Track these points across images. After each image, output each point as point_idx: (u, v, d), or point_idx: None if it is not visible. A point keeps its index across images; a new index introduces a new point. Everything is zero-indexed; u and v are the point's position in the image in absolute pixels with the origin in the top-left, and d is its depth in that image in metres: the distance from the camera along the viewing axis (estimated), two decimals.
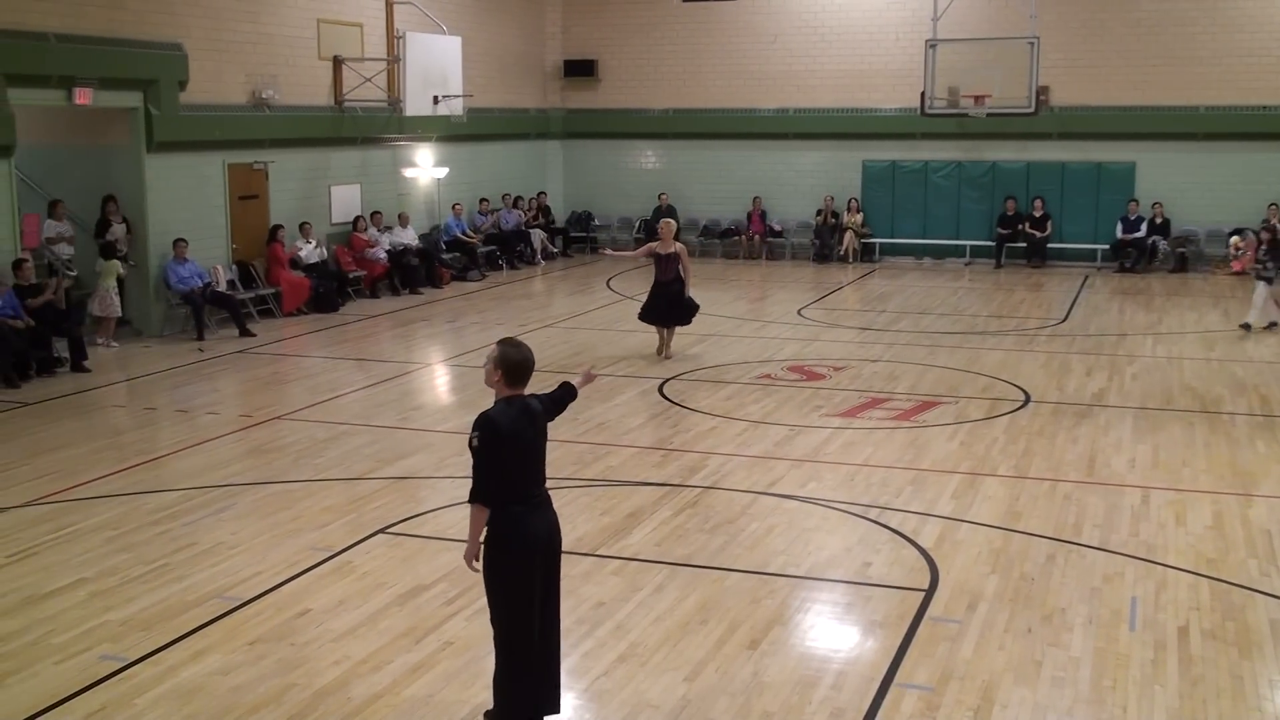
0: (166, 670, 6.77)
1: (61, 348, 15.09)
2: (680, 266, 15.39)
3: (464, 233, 23.71)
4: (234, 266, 18.69)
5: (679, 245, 15.61)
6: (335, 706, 6.36)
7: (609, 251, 19.53)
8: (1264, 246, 17.09)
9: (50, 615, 7.56)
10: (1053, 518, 9.36)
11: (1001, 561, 8.43)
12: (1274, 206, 23.23)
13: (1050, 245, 24.79)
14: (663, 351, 15.52)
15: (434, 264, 22.32)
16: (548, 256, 25.89)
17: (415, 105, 21.13)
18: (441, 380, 15.22)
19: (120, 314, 16.77)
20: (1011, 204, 24.77)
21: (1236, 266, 18.22)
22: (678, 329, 15.79)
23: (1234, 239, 18.22)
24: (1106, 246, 24.39)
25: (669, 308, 15.56)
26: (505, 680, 5.96)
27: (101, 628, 7.35)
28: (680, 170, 27.30)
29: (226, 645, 7.09)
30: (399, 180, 22.86)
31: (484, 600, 7.78)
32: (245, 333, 17.35)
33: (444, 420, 12.80)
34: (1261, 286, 17.18)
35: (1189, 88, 23.84)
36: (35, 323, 14.57)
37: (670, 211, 26.61)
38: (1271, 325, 17.25)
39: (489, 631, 7.22)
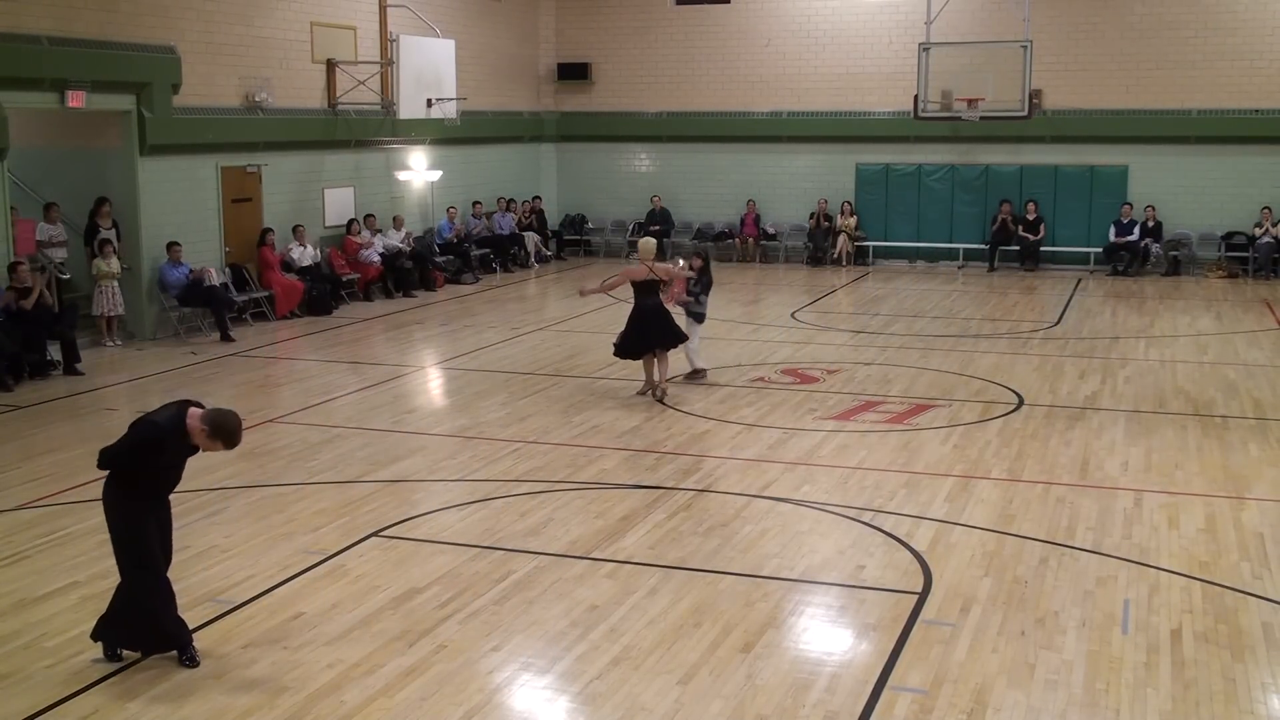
0: (159, 674, 6.76)
1: (55, 351, 15.07)
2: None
3: (453, 236, 23.62)
4: (227, 270, 18.67)
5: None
6: (329, 710, 6.35)
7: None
8: (694, 276, 13.86)
9: (43, 619, 7.55)
10: (1046, 521, 9.37)
11: (995, 564, 8.44)
12: (1267, 210, 23.34)
13: (1043, 249, 24.83)
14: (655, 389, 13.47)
15: (428, 267, 22.31)
16: (541, 260, 25.89)
17: (409, 108, 21.12)
18: (435, 383, 15.21)
19: (122, 311, 16.79)
20: (1007, 207, 24.74)
21: (668, 301, 13.57)
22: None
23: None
24: (1099, 250, 24.43)
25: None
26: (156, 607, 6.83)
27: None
28: (674, 173, 27.30)
29: (220, 649, 7.08)
30: (393, 183, 22.86)
31: (478, 603, 7.82)
32: (226, 337, 17.25)
33: (438, 423, 12.80)
34: (695, 329, 13.99)
35: (1181, 91, 23.90)
36: (16, 324, 14.54)
37: (664, 215, 26.64)
38: (697, 373, 14.17)
39: (484, 635, 7.26)
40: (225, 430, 6.65)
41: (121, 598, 6.87)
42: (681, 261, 14.57)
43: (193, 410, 6.71)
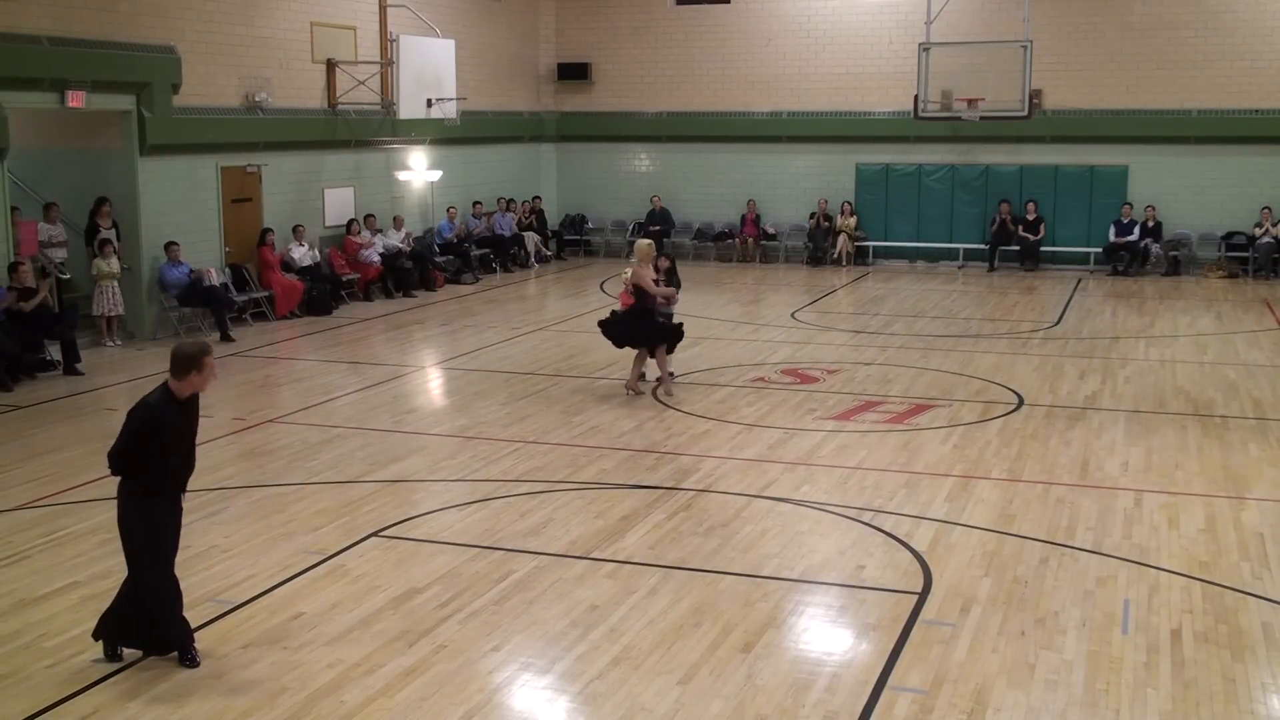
0: (159, 674, 6.76)
1: (54, 351, 15.07)
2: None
3: (453, 236, 23.62)
4: (227, 270, 18.67)
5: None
6: (329, 710, 6.35)
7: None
8: (660, 278, 13.71)
9: (43, 619, 7.55)
10: (1046, 521, 9.37)
11: (995, 564, 8.44)
12: (1267, 210, 23.34)
13: (1043, 249, 24.82)
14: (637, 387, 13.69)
15: (427, 267, 22.31)
16: (541, 260, 25.89)
17: (409, 108, 21.12)
18: (435, 383, 15.21)
19: (121, 312, 16.80)
20: (1006, 207, 24.74)
21: (627, 301, 13.57)
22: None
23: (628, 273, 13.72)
24: (1099, 250, 24.43)
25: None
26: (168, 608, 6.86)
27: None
28: (674, 173, 27.30)
29: (220, 649, 7.08)
30: (393, 183, 22.86)
31: (478, 603, 7.82)
32: (226, 337, 17.23)
33: (438, 423, 12.80)
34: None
35: (1181, 91, 23.90)
36: (17, 325, 14.54)
37: (664, 215, 26.63)
38: (665, 379, 13.78)
39: (484, 635, 7.26)
40: (188, 356, 6.92)
41: (126, 596, 6.87)
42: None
43: (169, 380, 6.93)
